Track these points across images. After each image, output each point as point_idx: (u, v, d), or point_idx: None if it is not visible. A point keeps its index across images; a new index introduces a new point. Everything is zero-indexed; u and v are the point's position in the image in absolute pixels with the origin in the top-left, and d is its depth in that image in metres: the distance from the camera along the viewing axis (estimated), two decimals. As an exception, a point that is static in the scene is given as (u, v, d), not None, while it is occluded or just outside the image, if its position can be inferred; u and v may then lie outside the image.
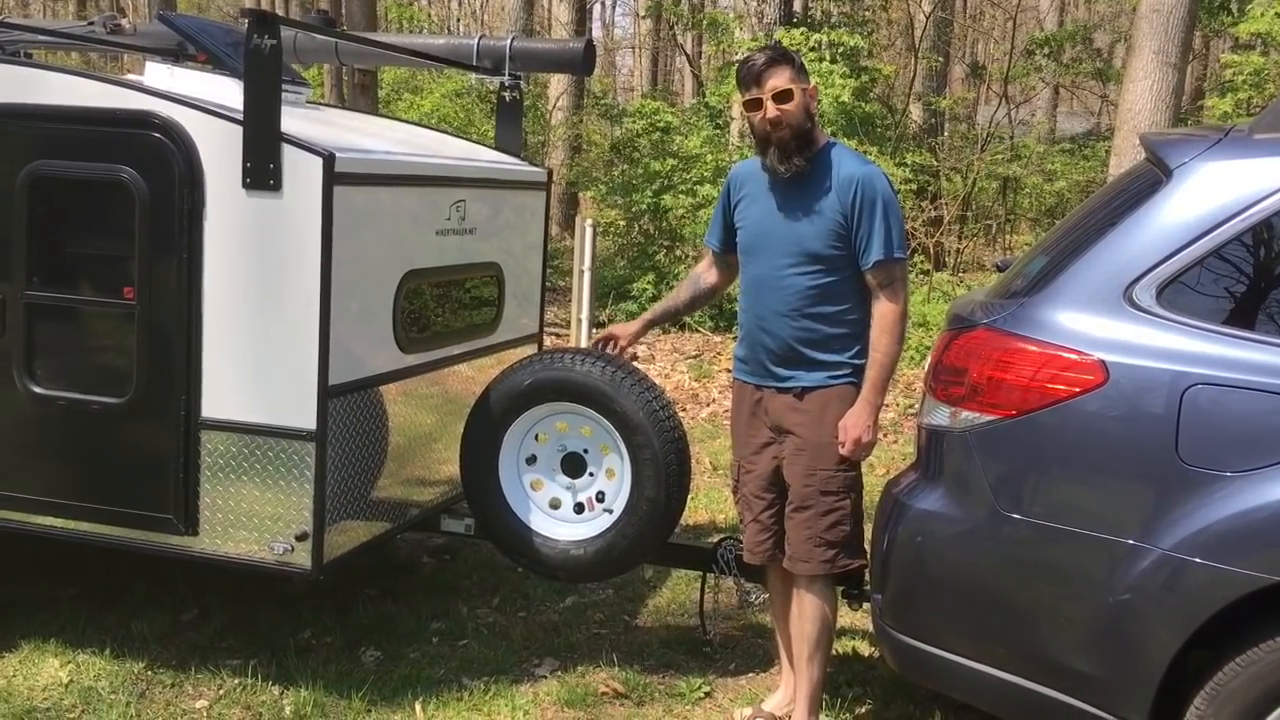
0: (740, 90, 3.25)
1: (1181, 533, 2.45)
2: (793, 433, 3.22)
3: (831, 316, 3.19)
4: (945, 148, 13.03)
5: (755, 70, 3.15)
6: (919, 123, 13.74)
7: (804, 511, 3.21)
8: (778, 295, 3.21)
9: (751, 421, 3.34)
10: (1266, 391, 2.42)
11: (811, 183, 3.17)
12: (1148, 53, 8.92)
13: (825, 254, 3.15)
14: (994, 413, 2.71)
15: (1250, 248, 2.56)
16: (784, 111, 3.12)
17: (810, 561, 3.22)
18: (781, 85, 3.13)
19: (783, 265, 3.19)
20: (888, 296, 3.15)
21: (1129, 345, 2.57)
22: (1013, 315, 2.76)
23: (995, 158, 12.47)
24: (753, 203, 3.30)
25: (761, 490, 3.33)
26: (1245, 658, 2.42)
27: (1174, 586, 2.47)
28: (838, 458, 3.18)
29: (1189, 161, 2.65)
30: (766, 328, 3.24)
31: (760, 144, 3.21)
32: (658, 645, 3.91)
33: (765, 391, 3.29)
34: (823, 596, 3.26)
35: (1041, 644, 2.67)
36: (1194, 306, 2.55)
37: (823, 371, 3.20)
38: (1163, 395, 2.50)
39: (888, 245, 3.13)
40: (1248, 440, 2.43)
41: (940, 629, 2.85)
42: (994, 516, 2.71)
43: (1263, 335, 2.49)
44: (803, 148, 3.15)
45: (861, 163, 3.21)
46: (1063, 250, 2.87)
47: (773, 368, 3.26)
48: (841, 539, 3.22)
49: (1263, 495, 2.39)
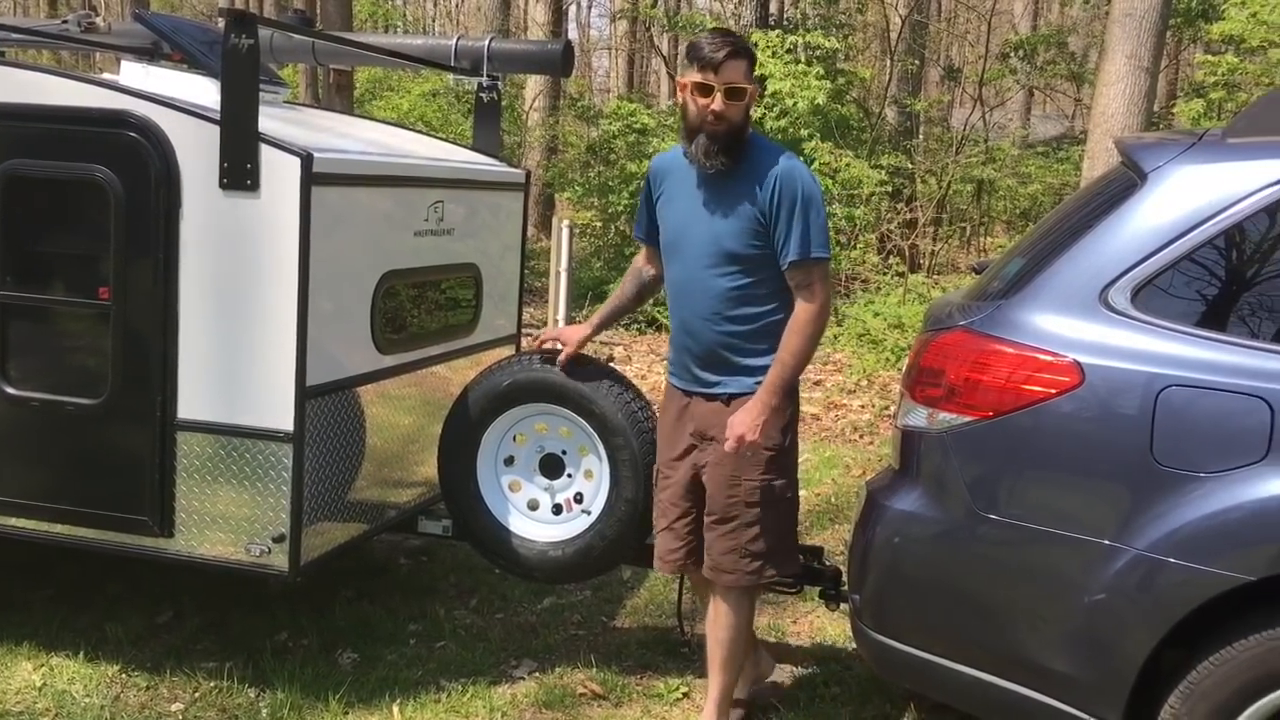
0: (690, 65, 3.04)
1: (1156, 533, 2.47)
2: (717, 440, 3.11)
3: (755, 319, 3.10)
4: (920, 150, 13.10)
5: (715, 57, 2.98)
6: (894, 125, 13.81)
7: (727, 523, 3.12)
8: (699, 298, 3.10)
9: (677, 426, 3.23)
10: (1239, 393, 2.44)
11: (732, 179, 3.06)
12: (1120, 56, 8.99)
13: (745, 254, 3.05)
14: (971, 414, 2.72)
15: (1224, 251, 2.58)
16: (730, 108, 3.01)
17: (734, 573, 3.15)
18: (737, 81, 3.01)
19: (703, 266, 3.08)
20: (804, 297, 3.06)
21: (1104, 347, 2.59)
22: (989, 317, 2.78)
23: (970, 160, 12.55)
24: (672, 200, 3.19)
25: (678, 498, 3.23)
26: (1219, 656, 2.44)
27: (1148, 586, 2.49)
28: (765, 467, 3.10)
29: (1163, 165, 2.68)
30: (690, 331, 3.14)
31: (690, 131, 3.05)
32: (635, 646, 3.91)
33: (693, 397, 3.19)
34: (739, 606, 3.22)
35: (1018, 643, 2.68)
36: (1168, 309, 2.58)
37: (749, 377, 3.11)
38: (1137, 397, 2.52)
39: (805, 244, 3.03)
40: (1221, 441, 2.45)
41: (917, 629, 2.86)
42: (971, 517, 2.72)
43: (1236, 337, 2.52)
44: (732, 147, 3.04)
45: (783, 157, 3.10)
46: (1039, 253, 2.89)
47: (699, 373, 3.16)
48: (765, 550, 3.14)
49: (1235, 496, 2.41)
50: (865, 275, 10.67)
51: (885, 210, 11.51)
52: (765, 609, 4.27)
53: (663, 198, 3.21)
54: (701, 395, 3.17)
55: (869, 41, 16.72)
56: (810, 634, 4.09)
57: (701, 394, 3.17)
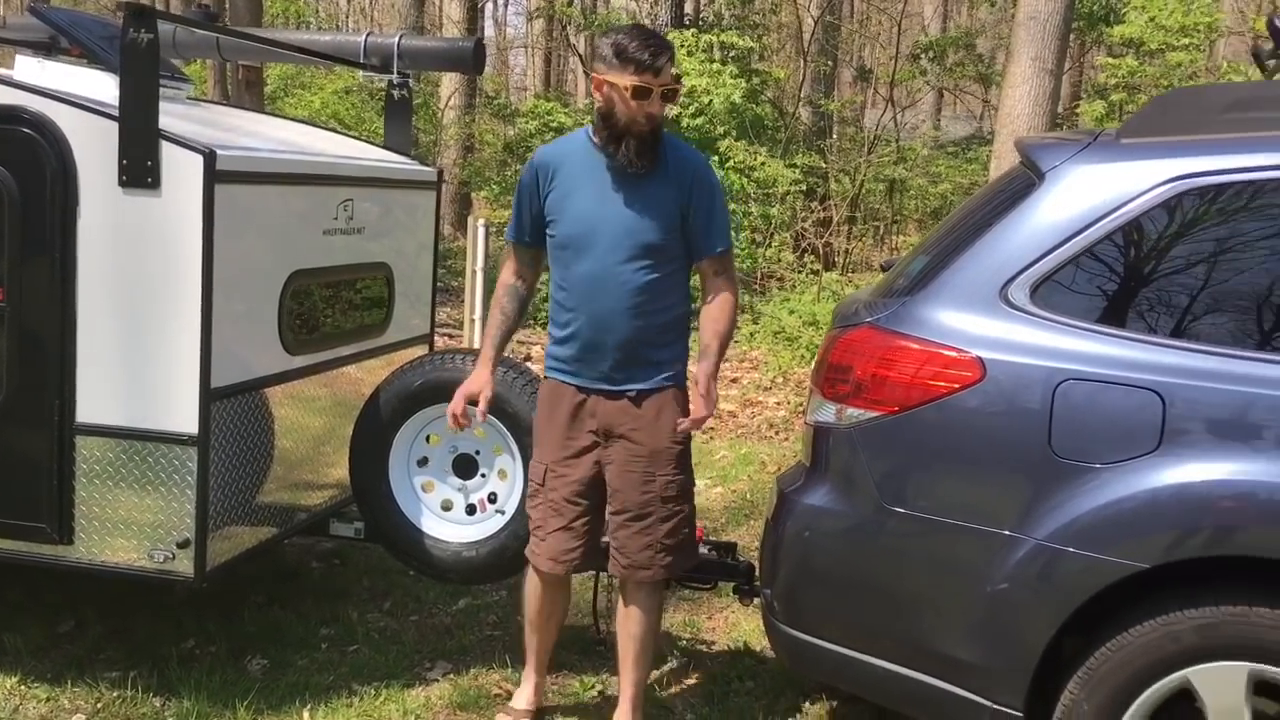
0: (621, 67, 2.96)
1: (1055, 523, 2.54)
2: (627, 438, 3.11)
3: (667, 311, 3.12)
4: (834, 150, 13.26)
5: (654, 60, 2.95)
6: (809, 125, 13.96)
7: (643, 519, 3.13)
8: (616, 293, 3.06)
9: (572, 425, 3.16)
10: (1133, 386, 2.51)
11: (644, 171, 3.05)
12: (1025, 59, 9.20)
13: (662, 246, 3.06)
14: (878, 409, 2.76)
15: (1118, 248, 2.65)
16: (663, 110, 3.02)
17: (652, 569, 3.16)
18: (672, 83, 3.02)
19: (620, 259, 3.05)
20: (727, 283, 3.17)
21: (1004, 343, 2.65)
22: (895, 314, 2.82)
23: (882, 160, 12.74)
24: (574, 193, 3.10)
25: (577, 496, 3.17)
26: (1115, 642, 2.51)
27: (1048, 575, 2.55)
28: (676, 462, 3.14)
29: (1060, 165, 2.74)
30: (607, 327, 3.07)
31: (618, 132, 2.99)
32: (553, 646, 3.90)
33: (592, 395, 3.14)
34: (653, 600, 3.25)
35: (925, 634, 2.73)
36: (1065, 305, 2.64)
37: (658, 373, 3.13)
38: (1036, 391, 2.58)
39: (725, 235, 3.15)
40: (1115, 433, 2.52)
41: (828, 622, 2.90)
42: (879, 511, 2.77)
43: (1130, 332, 2.59)
44: (657, 145, 3.05)
45: (691, 150, 3.17)
46: (942, 251, 2.95)
47: (610, 371, 3.11)
48: (678, 544, 3.18)
49: (1130, 486, 2.48)
50: (781, 273, 10.77)
51: (800, 209, 11.63)
52: (680, 606, 4.30)
53: (557, 192, 3.11)
54: (604, 392, 3.13)
55: (784, 42, 16.88)
56: (725, 630, 4.12)
57: (605, 391, 3.13)
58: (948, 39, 14.95)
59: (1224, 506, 2.44)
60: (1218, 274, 2.59)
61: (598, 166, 3.08)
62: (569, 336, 3.15)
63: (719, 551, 3.73)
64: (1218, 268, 2.60)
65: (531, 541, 3.27)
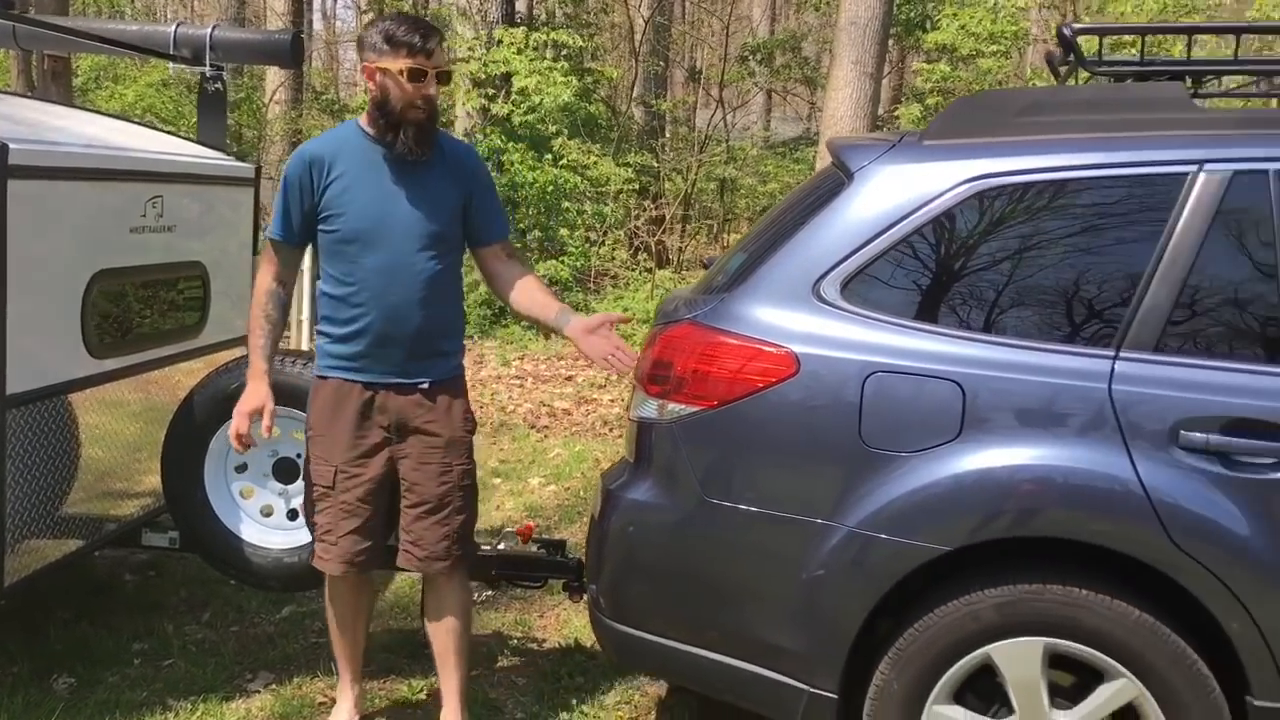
0: (395, 52, 2.95)
1: (865, 510, 2.63)
2: (422, 431, 3.09)
3: (453, 301, 3.16)
4: (667, 149, 13.42)
5: (425, 42, 2.95)
6: (642, 124, 14.09)
7: (442, 510, 3.12)
8: (412, 283, 3.03)
9: (361, 423, 3.09)
10: (936, 377, 2.62)
11: (423, 162, 3.05)
12: (847, 63, 9.50)
13: (450, 235, 3.10)
14: (698, 404, 2.81)
15: (921, 245, 2.75)
16: (438, 93, 3.03)
17: (449, 559, 3.16)
18: (445, 66, 3.02)
19: (413, 250, 3.03)
20: (523, 261, 3.30)
21: (817, 337, 2.72)
22: (714, 310, 2.88)
23: (713, 159, 12.95)
24: (355, 186, 3.03)
25: (371, 495, 3.12)
26: (922, 623, 2.61)
27: (860, 560, 2.64)
28: (468, 451, 3.18)
29: (867, 165, 2.84)
30: (401, 319, 3.04)
31: (394, 120, 2.97)
32: (379, 650, 3.84)
33: (381, 390, 3.09)
34: (465, 593, 3.29)
35: (747, 624, 2.79)
36: (874, 300, 2.74)
37: (447, 362, 3.15)
38: (847, 383, 2.67)
39: (507, 221, 3.29)
40: (920, 422, 2.62)
41: (653, 616, 2.93)
42: (701, 504, 2.81)
43: (932, 326, 2.69)
44: (433, 134, 3.04)
45: (462, 142, 3.25)
46: (759, 248, 3.02)
47: (404, 364, 3.07)
48: (469, 530, 3.23)
49: (934, 472, 2.59)
50: (615, 271, 10.84)
51: (634, 207, 11.73)
52: (511, 605, 4.28)
53: (336, 186, 3.03)
54: (394, 387, 3.08)
55: (616, 42, 16.98)
56: (557, 627, 4.13)
57: (395, 385, 3.08)
58: (774, 41, 15.31)
59: (1021, 491, 2.56)
60: (1014, 270, 2.72)
61: (377, 159, 3.04)
62: (356, 333, 3.06)
63: (548, 549, 3.73)
64: (1014, 264, 2.73)
65: (319, 548, 3.18)
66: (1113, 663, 2.51)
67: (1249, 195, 2.57)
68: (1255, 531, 2.42)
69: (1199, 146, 2.63)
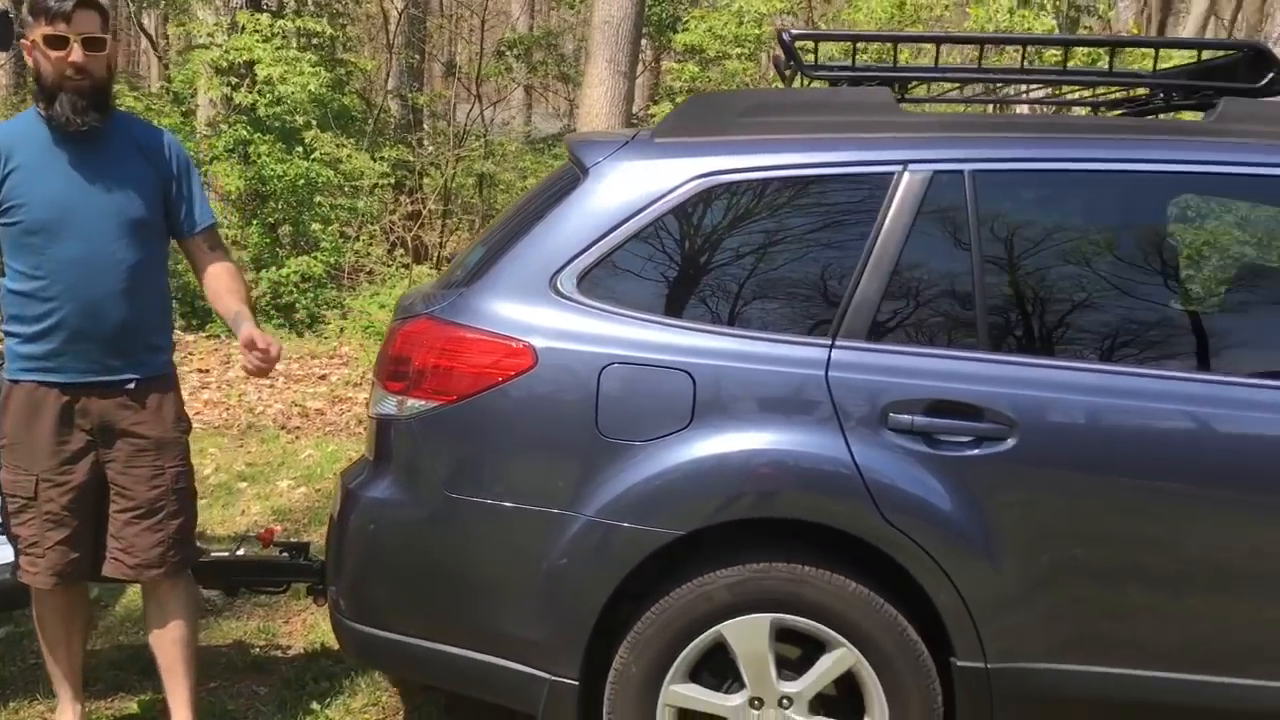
0: (36, 21, 2.84)
1: (603, 499, 2.68)
2: (130, 433, 2.97)
3: (158, 292, 3.05)
4: (424, 144, 13.23)
5: (64, 7, 2.81)
6: (398, 118, 13.83)
7: (154, 515, 3.00)
8: (111, 274, 2.89)
9: (61, 429, 2.93)
10: (667, 368, 2.71)
11: (112, 146, 2.94)
12: (601, 61, 9.65)
13: (152, 222, 2.99)
14: (438, 399, 2.80)
15: (653, 240, 2.83)
16: (91, 60, 2.85)
17: (164, 566, 3.04)
18: (94, 31, 2.86)
19: (109, 239, 2.90)
20: (225, 253, 3.18)
21: (554, 330, 2.77)
22: (452, 305, 2.88)
23: (472, 155, 12.86)
24: (36, 173, 2.88)
25: (78, 503, 2.97)
26: (659, 606, 2.70)
27: (599, 548, 2.70)
28: (183, 453, 3.07)
29: (601, 161, 2.90)
30: (101, 312, 2.89)
31: (48, 91, 2.85)
32: (106, 667, 3.63)
33: (82, 391, 2.93)
34: (189, 594, 3.18)
35: (490, 617, 2.80)
36: (609, 293, 2.80)
37: (155, 358, 3.03)
38: (583, 375, 2.72)
39: (208, 209, 3.14)
40: (653, 412, 2.70)
41: (396, 614, 2.91)
42: (443, 500, 2.81)
43: (665, 318, 2.78)
44: (101, 103, 2.90)
45: (159, 127, 3.14)
46: (498, 242, 3.03)
47: (106, 361, 2.93)
48: (187, 536, 3.10)
49: (667, 460, 2.67)
50: (370, 267, 10.61)
51: (389, 202, 11.51)
52: (254, 612, 4.14)
53: (15, 175, 2.87)
54: (98, 387, 2.94)
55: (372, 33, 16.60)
56: (303, 633, 4.02)
57: (99, 384, 2.94)
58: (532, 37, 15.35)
59: (745, 475, 2.68)
60: (740, 263, 2.85)
61: (57, 144, 2.90)
62: (48, 330, 2.90)
63: (291, 553, 3.62)
64: (740, 258, 2.85)
65: (24, 561, 3.01)
66: (832, 633, 2.66)
67: (947, 193, 2.77)
68: (956, 506, 2.62)
69: (903, 148, 2.82)
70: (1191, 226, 4.23)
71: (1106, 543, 2.64)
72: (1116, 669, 2.66)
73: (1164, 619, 2.66)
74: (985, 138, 2.90)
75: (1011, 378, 2.66)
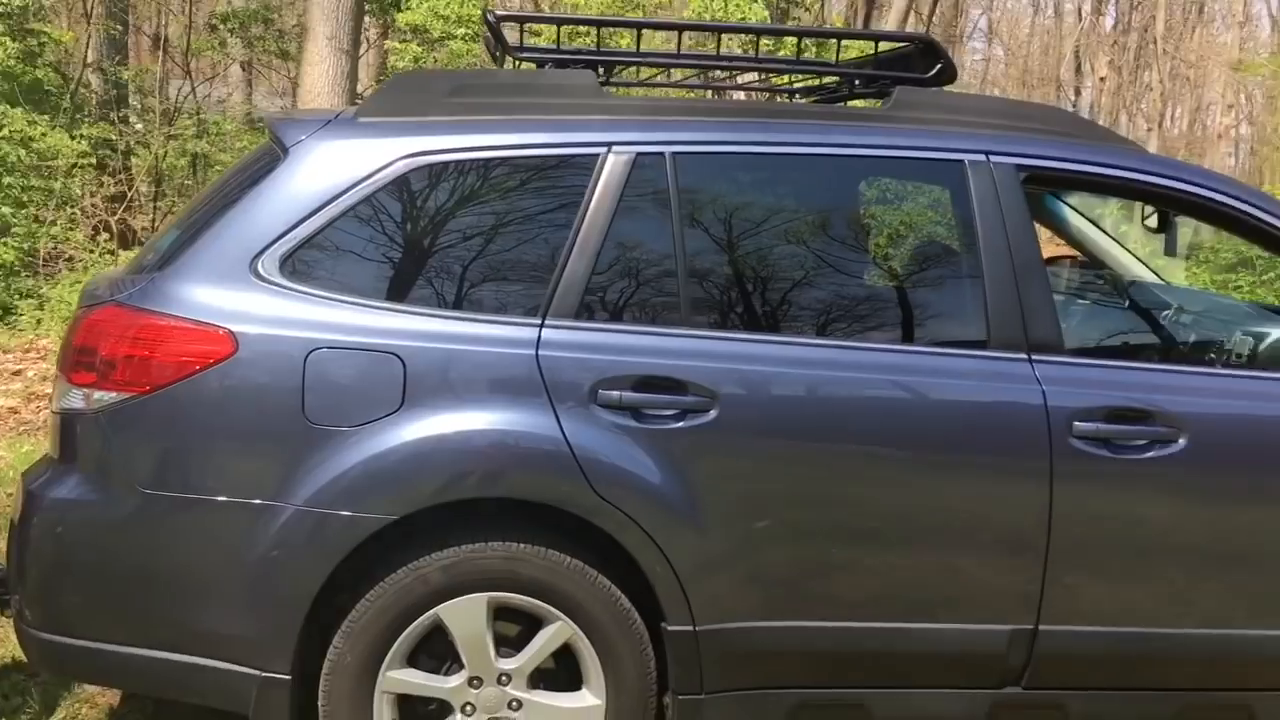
0: None
1: (312, 488, 2.61)
2: None
3: None
4: (131, 121, 12.40)
5: None
6: (100, 93, 12.90)
7: None
8: None
9: None
10: (377, 351, 2.66)
11: None
12: (321, 38, 9.36)
13: None
14: (129, 390, 2.65)
15: (359, 221, 2.77)
16: None
17: None
18: None
19: None
20: None
21: (256, 316, 2.67)
22: (143, 290, 2.72)
23: (184, 134, 12.16)
24: None
25: None
26: (374, 593, 2.66)
27: (309, 538, 2.62)
28: None
29: (303, 141, 2.81)
30: None
31: None
32: None
33: None
34: None
35: (196, 616, 2.68)
36: (314, 276, 2.72)
37: None
38: (288, 361, 2.63)
39: None
40: (364, 396, 2.65)
41: (91, 621, 2.73)
42: (139, 497, 2.66)
43: (374, 301, 2.73)
44: None
45: None
46: (193, 225, 2.90)
47: None
48: None
49: (378, 444, 2.63)
50: (70, 253, 9.88)
51: (91, 184, 10.75)
52: (-64, 630, 3.79)
53: None
54: None
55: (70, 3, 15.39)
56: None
57: None
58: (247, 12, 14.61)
59: (463, 457, 2.67)
60: (450, 244, 2.83)
61: None
62: None
63: (-28, 562, 3.34)
64: (449, 239, 2.84)
65: None
66: (549, 608, 2.70)
67: (650, 174, 2.85)
68: (665, 478, 2.70)
69: (607, 130, 2.88)
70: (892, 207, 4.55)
71: (805, 504, 2.79)
72: (819, 622, 2.82)
73: (861, 573, 2.85)
74: (686, 120, 3.00)
75: (713, 352, 2.77)
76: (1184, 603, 2.92)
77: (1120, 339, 3.81)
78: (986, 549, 2.85)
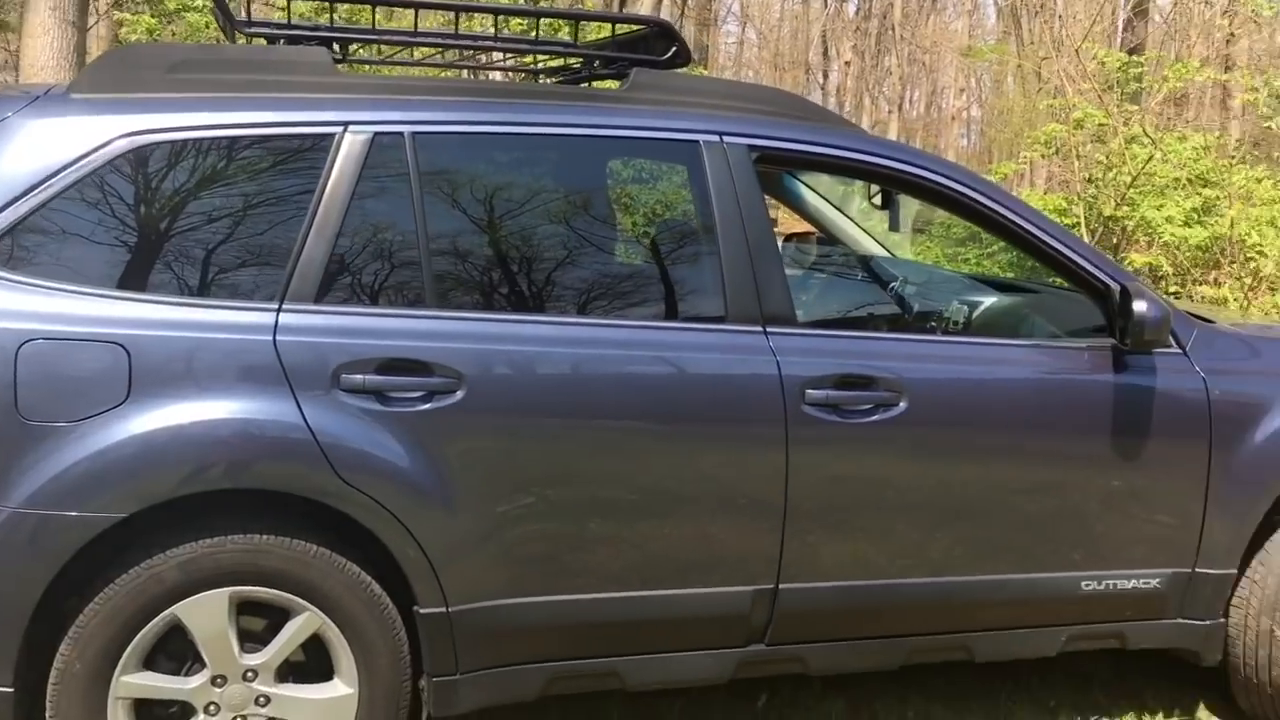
0: None
1: (28, 488, 2.46)
2: None
3: None
4: None
5: None
6: None
7: None
8: None
9: None
10: (99, 341, 2.52)
11: None
12: (44, 8, 8.81)
13: None
14: None
15: (75, 204, 2.60)
16: None
17: None
18: None
19: None
20: None
21: (-41, 307, 2.48)
22: None
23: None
24: None
25: None
26: (104, 595, 2.53)
27: (27, 542, 2.47)
28: None
29: (8, 119, 2.63)
30: None
31: None
32: None
33: None
34: None
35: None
36: (24, 263, 2.56)
37: None
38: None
39: None
40: (86, 389, 2.51)
41: None
42: None
43: (94, 288, 2.58)
44: None
45: None
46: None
47: None
48: None
49: (103, 440, 2.49)
50: None
51: None
52: None
53: None
54: None
55: None
56: None
57: None
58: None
59: (192, 448, 2.57)
60: (177, 228, 2.70)
61: None
62: None
63: None
64: (177, 222, 2.71)
65: None
66: (295, 599, 2.64)
67: (390, 154, 2.81)
68: (412, 460, 2.68)
69: (344, 109, 2.81)
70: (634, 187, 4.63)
71: (554, 481, 2.83)
72: (571, 595, 2.87)
73: (611, 546, 2.91)
74: (426, 100, 2.97)
75: (457, 333, 2.76)
76: (910, 555, 3.13)
77: (850, 311, 4.03)
78: (730, 514, 2.96)
